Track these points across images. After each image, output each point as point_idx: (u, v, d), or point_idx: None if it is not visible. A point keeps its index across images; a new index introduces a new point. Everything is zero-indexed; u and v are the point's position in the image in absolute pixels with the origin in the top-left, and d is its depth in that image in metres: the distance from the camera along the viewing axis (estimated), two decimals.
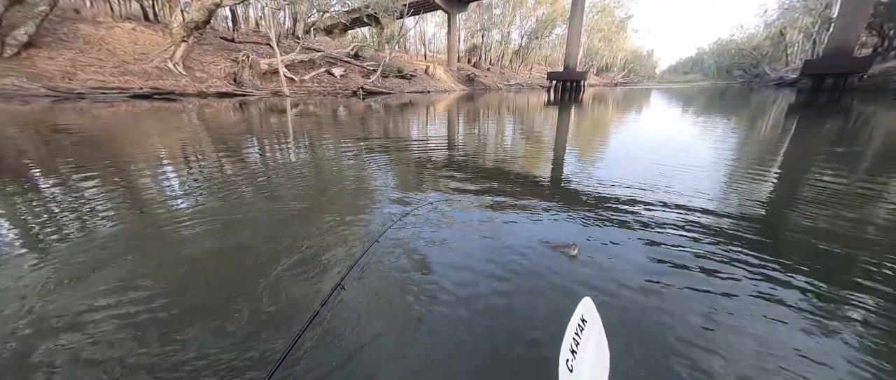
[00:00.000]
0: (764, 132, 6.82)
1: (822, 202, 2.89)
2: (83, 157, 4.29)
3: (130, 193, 3.05)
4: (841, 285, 1.70)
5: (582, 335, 1.11)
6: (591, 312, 1.21)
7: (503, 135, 6.89)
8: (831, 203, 2.85)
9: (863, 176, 3.65)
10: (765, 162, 4.40)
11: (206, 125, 7.19)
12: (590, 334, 1.13)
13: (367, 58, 24.66)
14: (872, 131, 6.54)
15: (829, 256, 2.01)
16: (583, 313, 1.19)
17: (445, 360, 1.24)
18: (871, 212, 2.69)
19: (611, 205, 2.78)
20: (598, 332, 1.16)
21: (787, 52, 36.82)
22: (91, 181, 3.27)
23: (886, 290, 1.67)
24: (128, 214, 2.57)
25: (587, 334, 1.12)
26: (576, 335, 1.10)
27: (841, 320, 1.46)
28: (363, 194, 3.12)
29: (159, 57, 14.01)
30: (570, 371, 0.99)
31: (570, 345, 1.07)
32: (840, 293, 1.64)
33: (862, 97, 14.45)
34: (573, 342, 1.07)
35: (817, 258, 1.98)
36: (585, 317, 1.18)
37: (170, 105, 10.76)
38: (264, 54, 18.13)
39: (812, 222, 2.48)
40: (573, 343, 1.07)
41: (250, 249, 2.04)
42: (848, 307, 1.55)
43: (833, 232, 2.31)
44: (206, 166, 3.99)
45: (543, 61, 54.57)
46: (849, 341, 1.34)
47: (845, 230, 2.33)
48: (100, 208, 2.67)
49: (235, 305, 1.54)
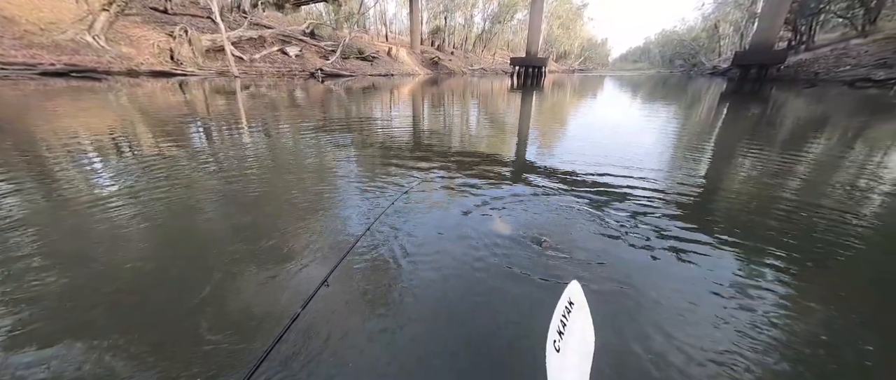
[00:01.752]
0: (700, 117, 7.58)
1: (746, 174, 3.35)
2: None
3: (66, 191, 2.70)
4: (762, 242, 2.02)
5: (569, 317, 1.14)
6: (579, 295, 1.24)
7: (474, 122, 6.96)
8: (754, 175, 3.31)
9: (777, 151, 4.24)
10: (701, 143, 4.94)
11: (141, 109, 6.41)
12: (577, 316, 1.16)
13: (324, 37, 23.20)
14: (786, 115, 7.56)
15: (751, 218, 2.36)
16: (570, 295, 1.22)
17: (432, 349, 1.27)
18: (784, 181, 3.16)
19: (574, 186, 2.98)
20: (585, 314, 1.19)
21: (719, 44, 40.64)
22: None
23: (796, 244, 2.01)
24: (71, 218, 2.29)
25: (574, 316, 1.15)
26: (563, 317, 1.13)
27: (760, 274, 1.74)
28: (333, 189, 3.04)
29: (74, 28, 12.06)
30: (556, 351, 1.02)
31: (557, 326, 1.09)
32: (762, 249, 1.95)
33: (779, 86, 16.50)
34: (560, 324, 1.10)
35: (740, 222, 2.32)
36: (573, 299, 1.21)
37: (93, 85, 9.39)
38: (206, 29, 16.32)
39: (738, 191, 2.88)
40: (560, 325, 1.10)
41: (202, 254, 1.93)
42: (768, 260, 1.84)
43: (753, 198, 2.70)
44: (144, 156, 3.61)
45: (506, 47, 55.05)
46: (770, 289, 1.61)
47: (765, 196, 2.73)
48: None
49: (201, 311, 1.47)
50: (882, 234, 2.25)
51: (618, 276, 1.69)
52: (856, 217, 2.42)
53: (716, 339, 1.31)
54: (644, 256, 1.89)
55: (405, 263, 1.78)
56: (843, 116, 7.35)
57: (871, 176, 3.38)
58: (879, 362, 1.25)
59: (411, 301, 1.51)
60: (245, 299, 1.50)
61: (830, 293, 1.63)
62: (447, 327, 1.37)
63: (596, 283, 1.62)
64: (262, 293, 1.54)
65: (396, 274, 1.70)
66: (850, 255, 1.96)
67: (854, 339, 1.35)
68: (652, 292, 1.57)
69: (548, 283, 1.61)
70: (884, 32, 17.89)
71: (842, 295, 1.62)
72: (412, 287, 1.60)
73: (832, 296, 1.61)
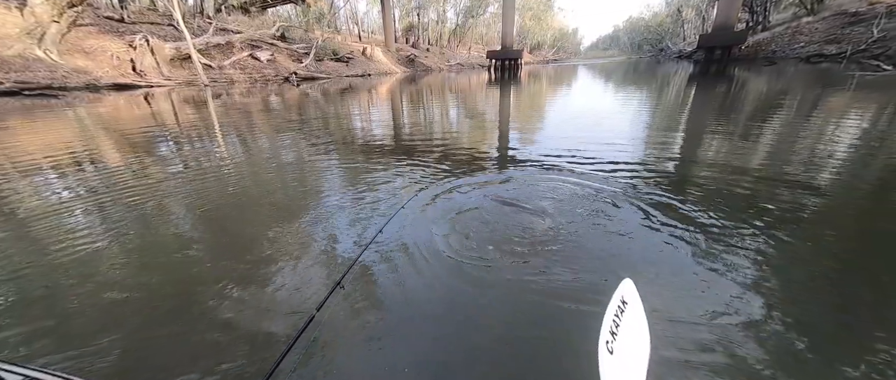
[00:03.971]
0: (670, 98, 7.91)
1: (716, 148, 3.55)
2: None
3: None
4: (737, 210, 2.15)
5: (622, 317, 1.08)
6: (632, 294, 1.18)
7: (458, 118, 6.98)
8: (723, 147, 3.51)
9: (744, 125, 4.50)
10: (673, 122, 5.17)
11: (109, 126, 6.07)
12: (630, 316, 1.11)
13: (295, 40, 22.54)
14: (750, 92, 7.99)
15: (722, 187, 2.51)
16: (623, 294, 1.16)
17: (472, 351, 1.23)
18: (750, 152, 3.36)
19: (562, 168, 3.07)
20: (640, 314, 1.13)
21: (683, 29, 42.27)
22: None
23: (771, 209, 2.16)
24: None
25: (628, 317, 1.10)
26: (616, 317, 1.08)
27: (735, 241, 1.86)
28: (334, 196, 3.00)
29: (22, 42, 11.21)
30: (610, 353, 0.97)
31: (609, 327, 1.04)
32: (737, 217, 2.08)
33: (741, 65, 17.38)
34: (613, 324, 1.05)
35: (715, 192, 2.46)
36: (626, 299, 1.15)
37: (49, 103, 8.78)
38: (169, 37, 15.54)
39: (711, 165, 3.05)
40: (613, 325, 1.05)
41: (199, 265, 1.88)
42: (743, 228, 1.97)
43: (724, 169, 2.88)
44: (114, 172, 3.44)
45: (480, 40, 55.18)
46: (751, 251, 1.73)
47: (733, 167, 2.90)
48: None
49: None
50: (846, 188, 2.45)
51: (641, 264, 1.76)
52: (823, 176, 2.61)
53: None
54: (648, 238, 1.97)
55: (429, 264, 1.75)
56: (802, 89, 7.84)
57: (830, 140, 3.65)
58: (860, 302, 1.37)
59: (445, 302, 1.48)
60: (257, 305, 1.47)
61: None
62: (487, 328, 1.33)
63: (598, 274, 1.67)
64: (275, 299, 1.51)
65: (422, 274, 1.67)
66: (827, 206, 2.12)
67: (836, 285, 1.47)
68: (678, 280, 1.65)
69: (577, 276, 1.60)
70: (831, 10, 19.10)
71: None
72: (446, 287, 1.57)
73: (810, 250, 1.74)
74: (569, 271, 1.63)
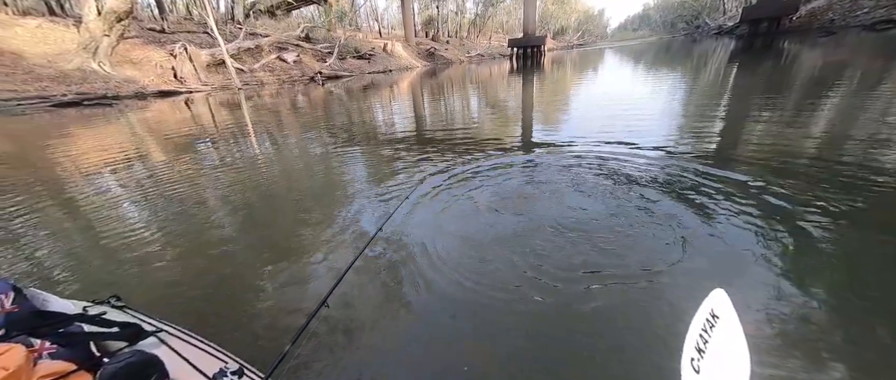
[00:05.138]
0: (710, 79, 7.35)
1: (764, 130, 3.27)
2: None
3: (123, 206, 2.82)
4: (789, 190, 1.98)
5: (712, 333, 0.98)
6: (725, 306, 1.04)
7: (477, 111, 6.92)
8: (772, 128, 3.23)
9: (795, 104, 4.11)
10: (716, 103, 4.81)
11: (156, 131, 6.57)
12: (722, 332, 0.99)
13: (319, 39, 23.15)
14: (803, 67, 7.26)
15: (774, 168, 2.32)
16: (713, 306, 1.03)
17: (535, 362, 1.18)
18: (802, 134, 3.07)
19: (594, 165, 2.96)
20: (735, 331, 1.00)
21: (723, 2, 38.94)
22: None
23: (830, 195, 1.97)
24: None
25: (719, 332, 0.98)
26: (704, 331, 0.97)
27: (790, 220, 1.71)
28: (344, 191, 3.08)
29: (79, 56, 12.33)
30: (695, 372, 0.88)
31: (695, 342, 0.94)
32: (790, 199, 1.91)
33: (792, 38, 15.80)
34: (700, 339, 0.95)
35: (768, 172, 2.28)
36: (717, 312, 1.02)
37: (105, 111, 9.63)
38: (204, 44, 16.47)
39: (759, 146, 2.82)
40: (700, 340, 0.95)
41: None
42: (798, 209, 1.81)
43: (774, 150, 2.65)
44: (165, 175, 3.72)
45: (500, 29, 53.94)
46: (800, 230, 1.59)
47: (783, 148, 2.67)
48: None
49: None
50: None
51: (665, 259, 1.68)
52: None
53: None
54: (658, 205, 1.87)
55: (464, 263, 1.70)
56: (867, 60, 7.02)
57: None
58: None
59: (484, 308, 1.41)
60: (272, 293, 1.56)
61: None
62: (551, 335, 1.28)
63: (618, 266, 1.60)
64: (284, 292, 1.60)
65: (472, 278, 1.60)
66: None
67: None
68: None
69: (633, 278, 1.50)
70: None
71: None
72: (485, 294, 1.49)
73: None
74: (636, 276, 1.50)
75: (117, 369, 0.62)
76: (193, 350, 0.83)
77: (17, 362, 0.56)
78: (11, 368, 0.55)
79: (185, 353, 0.79)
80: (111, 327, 0.78)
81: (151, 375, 0.66)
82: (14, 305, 0.77)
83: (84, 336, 0.76)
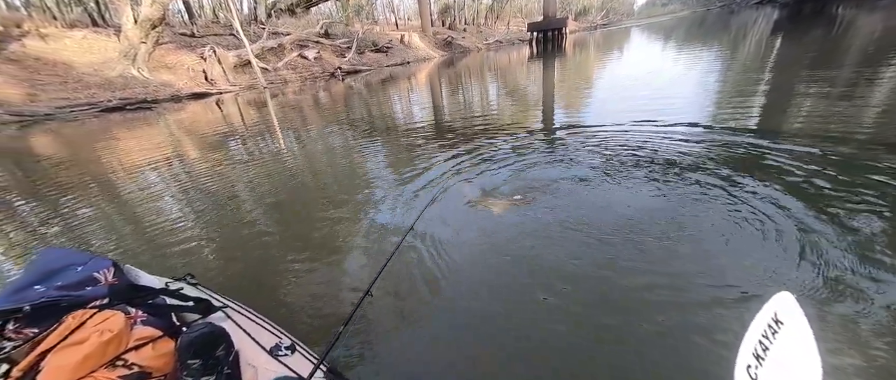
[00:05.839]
0: (750, 51, 6.84)
1: (813, 105, 3.04)
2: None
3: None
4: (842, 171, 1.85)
5: (774, 339, 0.91)
6: (792, 312, 0.96)
7: (495, 101, 6.83)
8: (822, 103, 3.00)
9: (848, 75, 3.77)
10: (757, 77, 4.49)
11: (194, 131, 6.99)
12: (787, 339, 0.92)
13: (338, 35, 23.47)
14: (854, 37, 6.60)
15: (827, 140, 2.16)
16: (777, 310, 0.95)
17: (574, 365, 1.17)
18: (857, 110, 2.83)
19: (626, 159, 2.88)
20: (803, 339, 0.92)
21: None
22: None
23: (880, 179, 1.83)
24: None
25: (782, 340, 0.92)
26: (765, 337, 0.91)
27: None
28: (371, 185, 3.16)
29: (121, 64, 13.20)
30: (751, 379, 0.84)
31: (753, 348, 0.88)
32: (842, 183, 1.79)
33: (846, 4, 14.30)
34: (759, 345, 0.89)
35: (818, 147, 2.14)
36: (781, 317, 0.95)
37: (145, 115, 10.33)
38: (231, 46, 17.14)
39: (806, 121, 2.63)
40: (759, 346, 0.89)
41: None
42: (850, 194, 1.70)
43: (825, 126, 2.46)
44: (200, 168, 3.96)
45: (520, 13, 52.31)
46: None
47: (835, 124, 2.48)
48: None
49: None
50: None
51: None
52: None
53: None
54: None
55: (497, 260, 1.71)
56: None
57: None
58: None
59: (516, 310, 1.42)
60: (314, 286, 1.67)
61: None
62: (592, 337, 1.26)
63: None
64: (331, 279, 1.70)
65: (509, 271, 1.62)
66: None
67: None
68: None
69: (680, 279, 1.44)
70: None
71: None
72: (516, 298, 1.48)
73: None
74: (688, 278, 1.44)
75: (194, 338, 0.72)
76: (253, 325, 0.93)
77: (119, 326, 0.67)
78: (116, 330, 0.66)
79: (245, 327, 0.89)
80: (187, 301, 0.90)
81: (220, 344, 0.76)
82: (114, 278, 0.90)
83: (167, 308, 0.88)
